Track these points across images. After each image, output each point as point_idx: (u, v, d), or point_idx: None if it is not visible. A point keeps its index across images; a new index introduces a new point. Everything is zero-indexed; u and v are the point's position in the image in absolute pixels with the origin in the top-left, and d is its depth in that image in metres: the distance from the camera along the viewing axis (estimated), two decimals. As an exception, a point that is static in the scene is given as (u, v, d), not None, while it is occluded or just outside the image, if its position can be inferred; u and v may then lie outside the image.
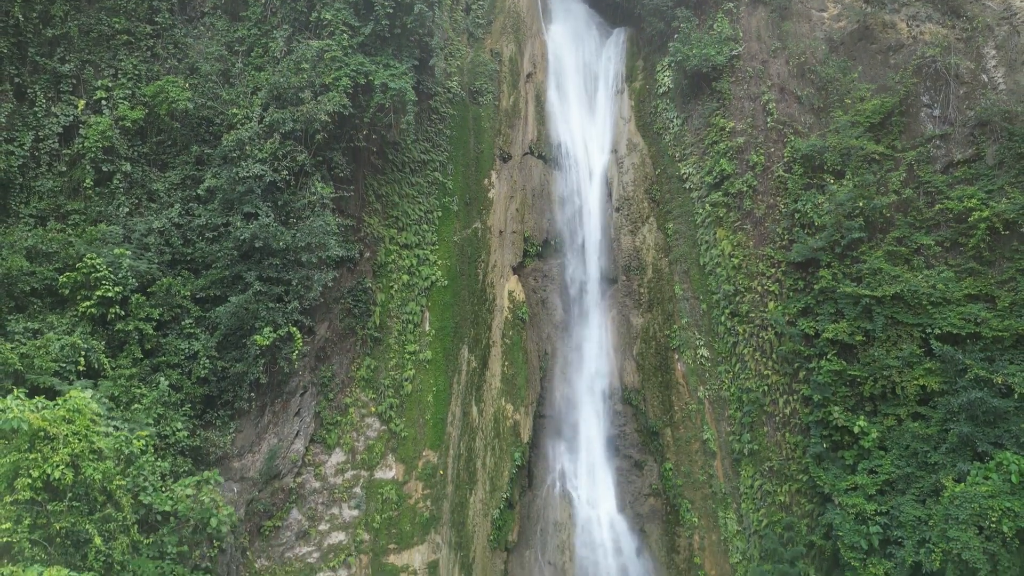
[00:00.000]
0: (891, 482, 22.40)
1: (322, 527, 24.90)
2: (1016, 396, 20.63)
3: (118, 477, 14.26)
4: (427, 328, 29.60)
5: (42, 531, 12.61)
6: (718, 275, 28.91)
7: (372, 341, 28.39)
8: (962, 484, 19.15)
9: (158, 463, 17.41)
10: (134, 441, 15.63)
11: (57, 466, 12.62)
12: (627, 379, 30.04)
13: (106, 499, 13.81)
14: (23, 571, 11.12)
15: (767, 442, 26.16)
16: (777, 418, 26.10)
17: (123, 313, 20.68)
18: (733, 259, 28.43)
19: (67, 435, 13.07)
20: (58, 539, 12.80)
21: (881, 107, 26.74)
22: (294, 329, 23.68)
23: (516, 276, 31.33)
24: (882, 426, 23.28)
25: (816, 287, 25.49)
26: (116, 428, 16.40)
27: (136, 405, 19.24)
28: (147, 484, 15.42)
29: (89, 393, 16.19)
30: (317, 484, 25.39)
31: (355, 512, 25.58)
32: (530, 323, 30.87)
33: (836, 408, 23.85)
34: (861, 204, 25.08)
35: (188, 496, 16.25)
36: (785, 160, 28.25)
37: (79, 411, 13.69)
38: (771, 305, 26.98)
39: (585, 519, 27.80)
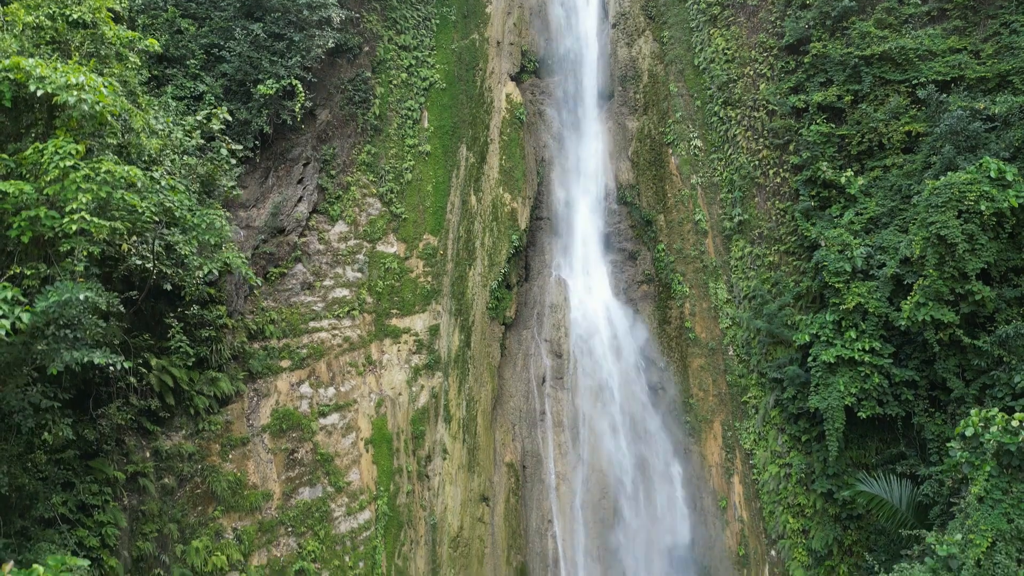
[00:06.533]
0: (875, 219, 23.25)
1: (327, 283, 25.67)
2: (997, 114, 21.35)
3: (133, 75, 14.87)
4: (426, 125, 30.17)
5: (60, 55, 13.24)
6: (711, 71, 29.47)
7: (372, 130, 28.97)
8: (942, 179, 19.91)
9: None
10: (143, 71, 16.21)
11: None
12: (622, 178, 30.73)
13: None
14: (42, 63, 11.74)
15: (757, 212, 26.97)
16: (768, 188, 26.88)
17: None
18: (727, 52, 29.00)
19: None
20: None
21: None
22: (296, 81, 24.25)
23: (514, 83, 31.81)
24: (868, 177, 24.09)
25: (806, 60, 26.13)
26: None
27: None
28: (157, 117, 15.95)
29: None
30: (321, 247, 26.12)
31: (359, 274, 26.36)
32: (527, 130, 31.41)
33: (824, 164, 24.61)
34: (852, -26, 25.64)
35: (196, 125, 16.79)
36: (778, -47, 28.66)
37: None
38: (763, 86, 27.61)
39: (580, 301, 28.66)
